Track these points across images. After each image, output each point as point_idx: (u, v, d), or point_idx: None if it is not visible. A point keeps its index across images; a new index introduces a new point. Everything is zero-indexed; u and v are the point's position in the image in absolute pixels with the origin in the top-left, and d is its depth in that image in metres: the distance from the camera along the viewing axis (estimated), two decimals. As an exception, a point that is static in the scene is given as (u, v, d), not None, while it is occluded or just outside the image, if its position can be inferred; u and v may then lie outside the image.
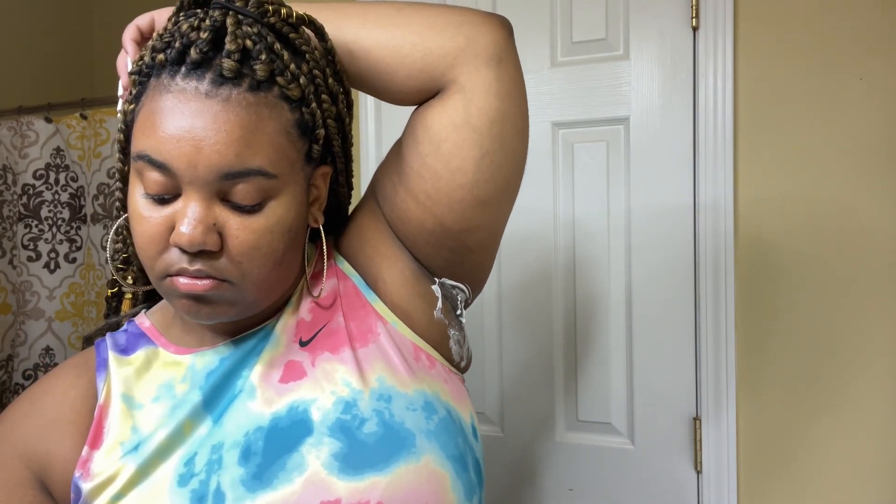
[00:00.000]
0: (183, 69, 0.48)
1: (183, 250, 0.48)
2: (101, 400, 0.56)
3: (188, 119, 0.47)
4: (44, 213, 1.76)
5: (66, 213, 1.78)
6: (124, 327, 0.62)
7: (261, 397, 0.53)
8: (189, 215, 0.47)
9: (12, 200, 1.79)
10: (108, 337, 0.60)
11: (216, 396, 0.54)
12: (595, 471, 1.30)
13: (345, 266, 0.61)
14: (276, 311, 0.58)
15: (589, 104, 1.27)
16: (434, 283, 0.60)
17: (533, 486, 1.34)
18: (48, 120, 1.75)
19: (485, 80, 0.53)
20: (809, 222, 1.15)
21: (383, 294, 0.59)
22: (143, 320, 0.61)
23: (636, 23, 1.24)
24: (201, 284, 0.49)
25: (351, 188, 0.65)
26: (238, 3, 0.50)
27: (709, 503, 1.21)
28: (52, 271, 1.77)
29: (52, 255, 1.77)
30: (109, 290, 0.66)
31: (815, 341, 1.15)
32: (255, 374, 0.54)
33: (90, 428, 0.55)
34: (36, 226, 1.76)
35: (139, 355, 0.58)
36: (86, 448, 0.54)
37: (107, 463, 0.53)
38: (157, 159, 0.47)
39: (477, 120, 0.53)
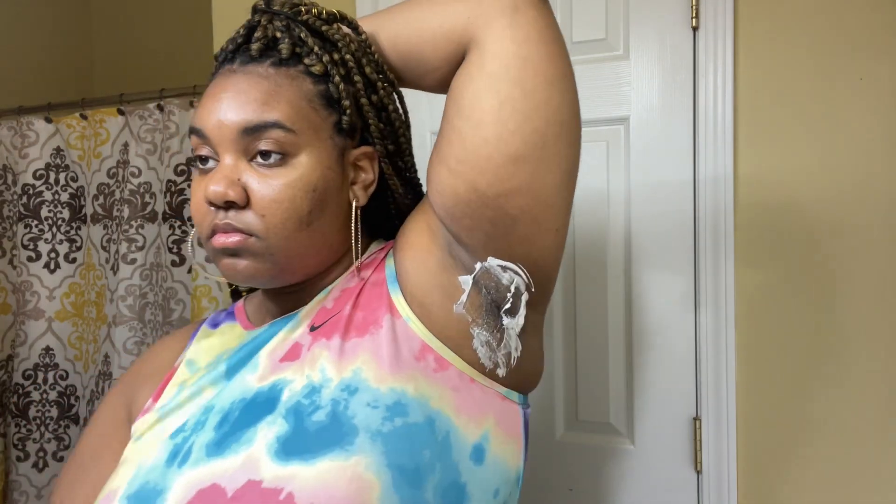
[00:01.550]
0: (225, 62, 0.58)
1: (216, 207, 0.55)
2: (177, 363, 0.65)
3: (219, 91, 0.56)
4: (44, 213, 1.76)
5: (66, 213, 1.78)
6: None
7: (259, 372, 0.56)
8: (217, 172, 0.55)
9: (12, 200, 1.79)
10: (213, 314, 0.70)
11: (237, 367, 0.58)
12: (595, 471, 1.30)
13: (388, 259, 0.61)
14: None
15: (589, 104, 1.27)
16: (473, 270, 0.55)
17: (533, 486, 1.34)
18: (48, 120, 1.75)
19: (498, 27, 0.52)
20: (810, 224, 1.15)
21: (405, 286, 0.57)
22: (239, 302, 0.69)
23: (636, 23, 1.24)
24: (231, 240, 0.55)
25: (414, 184, 0.67)
26: (276, 7, 0.58)
27: (709, 503, 1.21)
28: (52, 271, 1.77)
29: (52, 255, 1.77)
30: (230, 287, 0.77)
31: (817, 342, 1.15)
32: (265, 350, 0.57)
33: None
34: (36, 226, 1.76)
35: (222, 328, 0.66)
36: (149, 401, 0.62)
37: (152, 414, 0.60)
38: (196, 126, 0.56)
39: (491, 65, 0.52)
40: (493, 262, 0.54)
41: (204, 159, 0.57)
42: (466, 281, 0.55)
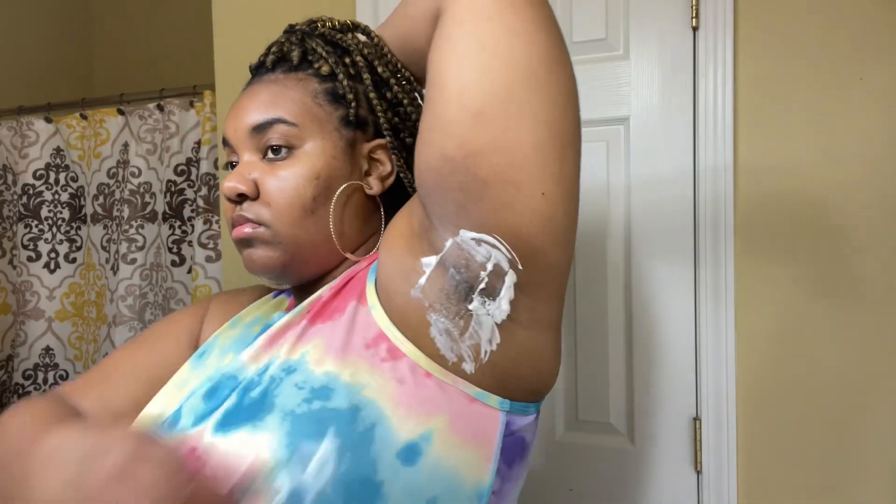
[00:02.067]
0: (250, 78, 0.66)
1: (233, 201, 0.60)
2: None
3: (239, 101, 0.63)
4: (44, 213, 1.76)
5: (66, 213, 1.78)
6: None
7: (252, 353, 0.57)
8: (234, 170, 0.61)
9: (12, 200, 1.79)
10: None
11: (245, 345, 0.62)
12: (595, 471, 1.30)
13: None
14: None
15: (589, 104, 1.27)
16: (440, 250, 0.51)
17: (533, 486, 1.34)
18: (48, 120, 1.75)
19: None
20: (810, 225, 1.15)
21: (378, 274, 0.56)
22: None
23: (636, 23, 1.24)
24: (244, 230, 0.60)
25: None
26: (299, 27, 0.65)
27: (709, 503, 1.21)
28: (52, 271, 1.77)
29: (52, 255, 1.77)
30: None
31: (818, 337, 1.15)
32: (266, 334, 0.59)
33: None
34: (36, 226, 1.76)
35: (278, 298, 0.71)
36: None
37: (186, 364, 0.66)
38: (223, 136, 0.63)
39: (449, 27, 0.49)
40: (465, 235, 0.49)
41: (234, 165, 0.63)
42: (428, 262, 0.51)
